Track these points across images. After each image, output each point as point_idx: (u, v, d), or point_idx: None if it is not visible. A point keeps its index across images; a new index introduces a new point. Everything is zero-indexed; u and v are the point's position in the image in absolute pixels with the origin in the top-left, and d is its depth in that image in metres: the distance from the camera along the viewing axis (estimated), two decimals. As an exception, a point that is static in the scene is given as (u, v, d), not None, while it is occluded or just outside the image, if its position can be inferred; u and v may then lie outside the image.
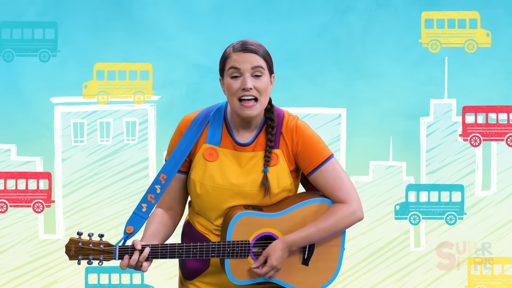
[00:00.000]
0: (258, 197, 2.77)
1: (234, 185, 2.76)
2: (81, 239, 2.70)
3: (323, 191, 2.80)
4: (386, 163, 5.08)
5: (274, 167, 2.78)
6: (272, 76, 2.77)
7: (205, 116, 2.82)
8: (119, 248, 2.70)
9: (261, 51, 2.72)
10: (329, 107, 5.07)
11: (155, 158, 5.04)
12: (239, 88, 2.70)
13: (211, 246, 2.72)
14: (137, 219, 2.77)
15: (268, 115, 2.80)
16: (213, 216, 2.81)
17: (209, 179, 2.77)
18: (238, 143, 2.78)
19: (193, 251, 2.71)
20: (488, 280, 5.03)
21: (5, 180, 5.00)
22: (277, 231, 2.76)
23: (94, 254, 2.70)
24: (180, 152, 2.79)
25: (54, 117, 5.02)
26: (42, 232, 5.00)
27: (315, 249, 2.80)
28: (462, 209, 5.08)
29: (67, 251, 2.70)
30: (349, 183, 2.80)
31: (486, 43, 5.08)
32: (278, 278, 2.78)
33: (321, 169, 2.78)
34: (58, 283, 4.98)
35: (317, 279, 2.81)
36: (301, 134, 2.79)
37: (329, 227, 2.75)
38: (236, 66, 2.70)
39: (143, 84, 5.05)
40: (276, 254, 2.71)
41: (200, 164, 2.78)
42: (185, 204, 2.91)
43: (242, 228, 2.73)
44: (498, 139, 5.10)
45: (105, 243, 2.70)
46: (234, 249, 2.72)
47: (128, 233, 2.75)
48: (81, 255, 2.70)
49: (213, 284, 2.86)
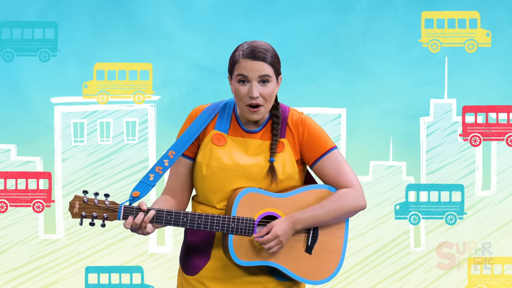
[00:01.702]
0: (265, 182, 2.80)
1: (241, 166, 2.79)
2: (86, 196, 2.69)
3: (326, 180, 2.84)
4: (386, 163, 5.08)
5: (280, 153, 2.82)
6: (279, 78, 2.83)
7: (215, 107, 2.88)
8: (124, 208, 2.71)
9: (269, 58, 2.77)
10: (329, 107, 5.07)
11: (155, 158, 5.04)
12: (246, 95, 2.76)
13: (216, 218, 2.73)
14: (143, 186, 2.79)
15: (274, 112, 2.86)
16: (216, 199, 2.82)
17: (215, 161, 2.80)
18: (246, 130, 2.83)
19: (198, 221, 2.73)
20: (488, 280, 5.03)
21: (5, 180, 5.00)
22: (281, 212, 2.78)
23: (98, 212, 2.69)
24: (190, 134, 2.84)
25: (54, 117, 5.02)
26: (42, 232, 5.00)
27: (319, 237, 2.81)
28: (462, 209, 5.08)
29: (70, 208, 2.68)
30: (352, 173, 2.85)
31: (486, 43, 5.08)
32: (280, 263, 2.79)
33: (325, 158, 2.84)
34: (58, 283, 4.98)
35: (320, 271, 2.82)
36: (306, 125, 2.86)
37: (334, 209, 2.79)
38: (244, 73, 2.75)
39: (143, 84, 5.05)
40: (281, 226, 2.73)
41: (208, 148, 2.82)
42: (190, 194, 2.93)
43: (247, 204, 2.75)
44: (498, 139, 5.10)
45: (111, 202, 2.70)
46: (238, 224, 2.74)
47: (134, 197, 2.77)
48: (84, 213, 2.68)
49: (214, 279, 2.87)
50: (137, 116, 5.06)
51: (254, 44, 2.79)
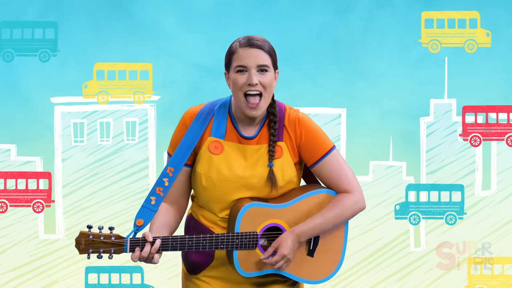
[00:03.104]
0: (265, 190, 2.80)
1: (240, 177, 2.78)
2: (91, 232, 2.68)
3: (326, 182, 2.84)
4: (386, 163, 5.08)
5: (278, 159, 2.81)
6: (276, 72, 2.81)
7: (210, 109, 2.85)
8: (130, 241, 2.69)
9: (266, 47, 2.77)
10: (329, 107, 5.07)
11: (155, 158, 5.04)
12: (244, 83, 2.74)
13: (220, 237, 2.73)
14: (147, 212, 2.78)
15: (271, 110, 2.83)
16: (218, 208, 2.82)
17: (215, 172, 2.79)
18: (243, 136, 2.81)
19: (203, 243, 2.72)
20: (488, 280, 5.03)
21: (5, 180, 5.00)
22: (284, 222, 2.79)
23: (105, 247, 2.68)
24: (186, 145, 2.81)
25: (54, 117, 5.02)
26: (42, 232, 5.00)
27: (320, 240, 2.82)
28: (462, 209, 5.08)
29: (77, 245, 2.69)
30: (351, 173, 2.84)
31: (486, 43, 5.08)
32: (284, 270, 2.79)
33: (324, 160, 2.82)
34: (58, 283, 4.98)
35: (322, 271, 2.83)
36: (304, 126, 2.83)
37: (335, 217, 2.79)
38: (242, 62, 2.74)
39: (143, 84, 5.05)
40: (287, 244, 2.74)
41: (206, 157, 2.80)
42: (188, 198, 2.93)
43: (249, 219, 2.75)
44: (498, 139, 5.10)
45: (116, 236, 2.69)
46: (242, 240, 2.74)
47: (138, 226, 2.76)
48: (91, 249, 2.68)
49: (218, 278, 2.87)
50: (137, 116, 5.06)
51: (250, 35, 2.80)
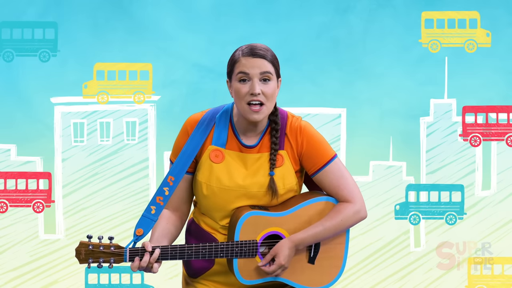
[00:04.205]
0: (266, 199, 2.80)
1: (241, 186, 2.78)
2: (91, 242, 2.71)
3: (327, 190, 2.83)
4: (386, 163, 5.08)
5: (279, 168, 2.80)
6: (279, 80, 2.80)
7: (211, 117, 2.84)
8: (130, 250, 2.71)
9: (269, 56, 2.76)
10: (329, 107, 5.07)
11: (155, 158, 5.04)
12: (247, 93, 2.73)
13: (220, 246, 2.73)
14: (147, 222, 2.78)
15: (272, 118, 2.82)
16: (219, 216, 2.82)
17: (215, 181, 2.78)
18: (244, 145, 2.80)
19: (202, 252, 2.73)
20: (488, 280, 5.03)
21: (5, 180, 5.00)
22: (284, 230, 2.78)
23: (105, 257, 2.70)
24: (187, 154, 2.80)
25: (54, 117, 5.02)
26: (42, 232, 5.00)
27: (321, 247, 2.82)
28: (462, 209, 5.08)
29: (77, 255, 2.71)
30: (352, 182, 2.84)
31: (486, 43, 5.08)
32: (285, 277, 2.79)
33: (326, 169, 2.81)
34: (58, 283, 4.98)
35: (323, 277, 2.83)
36: (305, 135, 2.82)
37: (334, 226, 2.78)
38: (245, 70, 2.73)
39: (143, 84, 5.05)
40: (283, 253, 2.73)
41: (206, 165, 2.80)
42: (191, 204, 2.92)
43: (249, 227, 2.74)
44: (498, 139, 5.10)
45: (116, 246, 2.71)
46: (242, 249, 2.74)
47: (138, 236, 2.76)
48: (91, 258, 2.70)
49: (218, 282, 2.87)
50: (137, 116, 5.06)
51: (253, 44, 2.78)
